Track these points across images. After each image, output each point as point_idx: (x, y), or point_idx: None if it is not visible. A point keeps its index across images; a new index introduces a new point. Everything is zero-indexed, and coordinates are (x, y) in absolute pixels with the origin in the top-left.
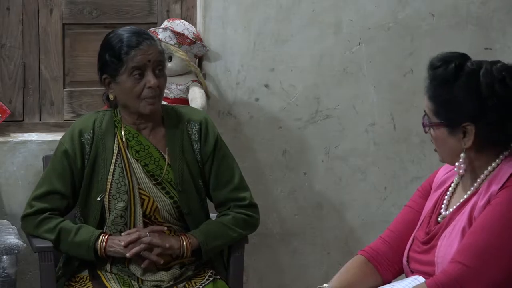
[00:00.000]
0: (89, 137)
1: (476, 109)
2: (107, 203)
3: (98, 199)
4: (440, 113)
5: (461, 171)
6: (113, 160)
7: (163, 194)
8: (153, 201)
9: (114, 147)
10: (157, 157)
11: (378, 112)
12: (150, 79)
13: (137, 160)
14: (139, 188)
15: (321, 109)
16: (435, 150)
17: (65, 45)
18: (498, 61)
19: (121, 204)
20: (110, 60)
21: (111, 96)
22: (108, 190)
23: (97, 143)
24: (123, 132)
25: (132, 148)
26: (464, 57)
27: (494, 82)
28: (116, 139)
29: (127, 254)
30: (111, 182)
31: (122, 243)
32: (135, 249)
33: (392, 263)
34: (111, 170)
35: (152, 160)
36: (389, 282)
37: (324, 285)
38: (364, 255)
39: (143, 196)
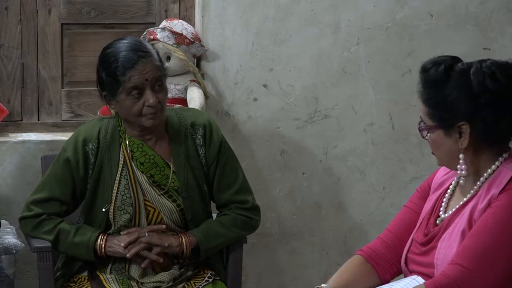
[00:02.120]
0: (93, 147)
1: (469, 107)
2: (112, 214)
3: (103, 210)
4: (435, 116)
5: (463, 172)
6: (119, 172)
7: (169, 202)
8: (158, 213)
9: (120, 158)
10: (162, 166)
11: (377, 112)
12: (149, 97)
13: (142, 172)
14: (144, 200)
15: (320, 109)
16: (433, 153)
17: (63, 45)
18: (488, 59)
19: (126, 216)
20: (107, 80)
21: (112, 112)
22: (113, 201)
23: (102, 154)
24: (127, 143)
25: (137, 160)
26: (455, 59)
27: (485, 78)
28: (121, 150)
29: (127, 255)
30: (117, 193)
31: (122, 244)
32: (135, 249)
33: (390, 264)
34: (117, 182)
35: (157, 170)
36: (387, 282)
37: (322, 285)
38: (362, 255)
39: (149, 208)
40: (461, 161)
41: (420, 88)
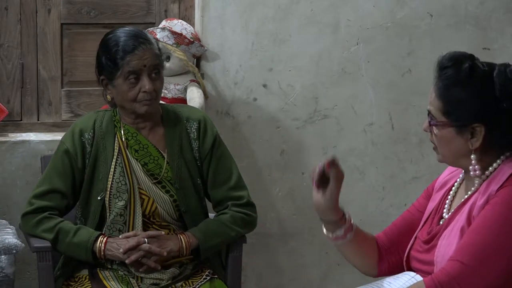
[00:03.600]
0: (89, 137)
1: (487, 110)
2: (107, 202)
3: (99, 198)
4: (450, 113)
5: (477, 172)
6: (114, 160)
7: (163, 192)
8: (153, 201)
9: (115, 147)
10: (156, 156)
11: (376, 112)
12: (145, 83)
13: (136, 160)
14: (139, 188)
15: (319, 109)
16: (434, 149)
17: (63, 45)
18: (509, 64)
19: (121, 203)
20: (106, 63)
21: (108, 97)
22: (108, 189)
23: (98, 143)
24: (122, 132)
25: (132, 148)
26: (472, 57)
27: (508, 83)
28: (116, 138)
29: (126, 261)
30: (112, 181)
31: (121, 250)
32: (134, 256)
33: (387, 254)
34: (112, 170)
35: (151, 159)
36: (382, 271)
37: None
38: (376, 239)
39: (143, 196)
40: (473, 161)
41: (437, 83)
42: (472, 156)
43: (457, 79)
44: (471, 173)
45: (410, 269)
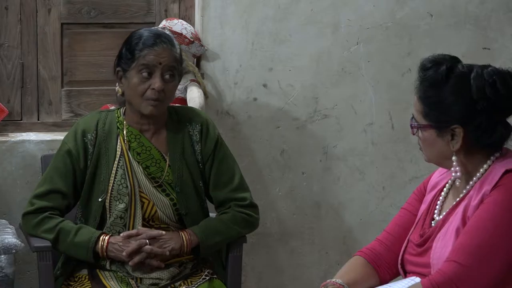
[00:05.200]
0: (92, 137)
1: (465, 112)
2: (108, 204)
3: (100, 199)
4: (429, 115)
5: (458, 174)
6: (116, 162)
7: (163, 195)
8: (153, 205)
9: (117, 149)
10: (158, 158)
11: (377, 112)
12: (156, 81)
13: (138, 162)
14: (139, 191)
15: (319, 109)
16: (420, 150)
17: (63, 45)
18: (489, 65)
19: (122, 205)
20: (125, 54)
21: (119, 91)
22: (109, 191)
23: (100, 144)
24: (125, 133)
25: (134, 150)
26: (455, 59)
27: (484, 85)
28: (118, 140)
29: (129, 263)
30: (113, 183)
31: (124, 253)
32: (137, 259)
33: (389, 265)
34: (113, 172)
35: (153, 162)
36: (386, 283)
37: (337, 280)
38: (363, 256)
39: (143, 199)
40: (454, 163)
41: (418, 85)
42: (453, 158)
43: (435, 81)
44: (453, 174)
45: (405, 272)
